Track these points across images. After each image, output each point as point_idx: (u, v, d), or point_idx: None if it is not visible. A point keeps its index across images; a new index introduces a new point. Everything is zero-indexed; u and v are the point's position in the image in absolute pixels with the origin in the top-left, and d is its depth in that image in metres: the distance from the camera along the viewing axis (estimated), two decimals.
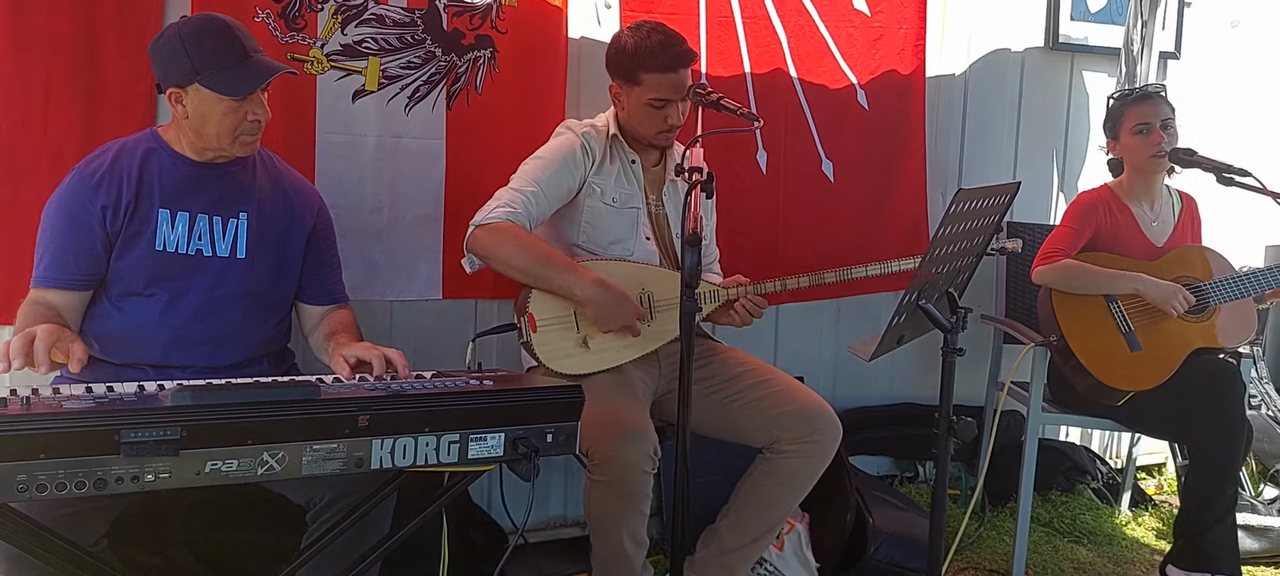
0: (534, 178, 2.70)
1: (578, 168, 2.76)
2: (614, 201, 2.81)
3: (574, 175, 2.76)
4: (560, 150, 2.77)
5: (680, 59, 2.73)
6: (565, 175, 2.74)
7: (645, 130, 2.80)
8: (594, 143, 2.80)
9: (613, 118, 2.88)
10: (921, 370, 4.02)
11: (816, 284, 2.85)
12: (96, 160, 2.26)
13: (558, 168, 2.73)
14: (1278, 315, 4.70)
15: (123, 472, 1.53)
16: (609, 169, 2.82)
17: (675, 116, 2.77)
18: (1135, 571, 3.45)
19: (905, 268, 2.81)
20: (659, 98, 2.74)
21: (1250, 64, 4.40)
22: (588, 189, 2.79)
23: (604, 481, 2.53)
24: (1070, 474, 4.10)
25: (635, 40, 2.74)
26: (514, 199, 2.66)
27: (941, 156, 3.94)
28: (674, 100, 2.75)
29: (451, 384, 1.91)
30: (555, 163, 2.74)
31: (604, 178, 2.81)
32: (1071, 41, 4.07)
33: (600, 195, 2.80)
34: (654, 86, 2.73)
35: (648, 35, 2.74)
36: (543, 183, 2.70)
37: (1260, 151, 3.63)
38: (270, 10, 2.85)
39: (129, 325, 2.25)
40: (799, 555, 3.16)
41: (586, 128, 2.83)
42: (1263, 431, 4.14)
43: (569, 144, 2.78)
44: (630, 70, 2.75)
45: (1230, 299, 3.23)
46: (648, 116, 2.77)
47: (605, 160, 2.82)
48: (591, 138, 2.81)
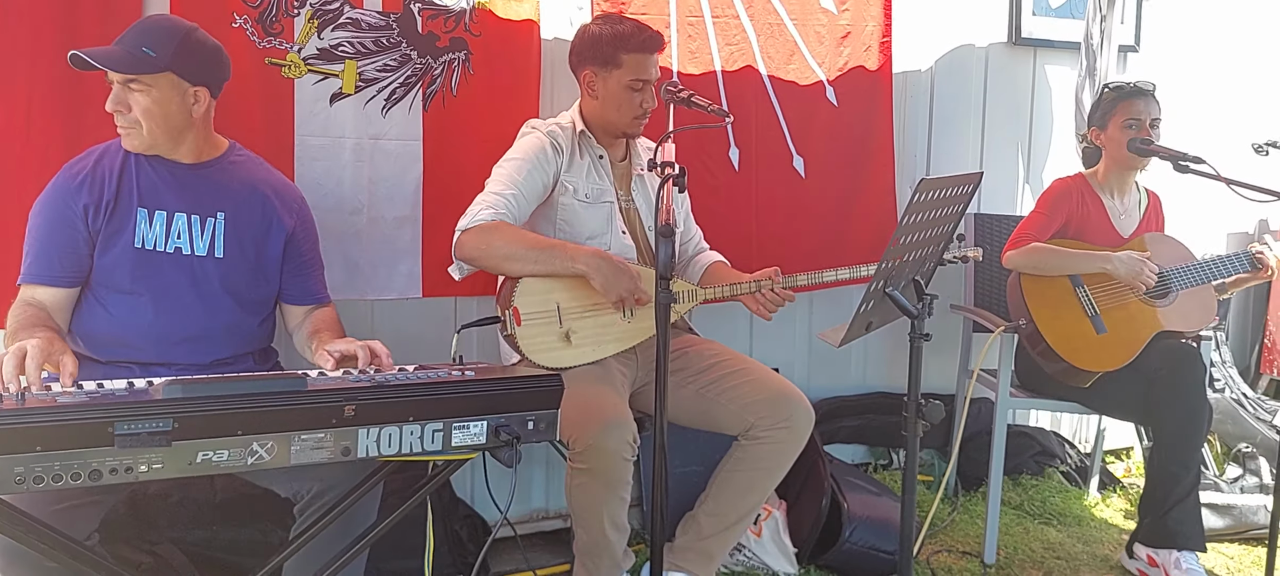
0: (510, 180, 2.74)
1: (550, 165, 2.81)
2: (588, 197, 2.86)
3: (547, 172, 2.80)
4: (531, 150, 2.81)
5: (654, 41, 2.83)
6: (539, 174, 2.78)
7: (621, 116, 2.85)
8: (562, 140, 2.85)
9: (578, 114, 2.92)
10: (893, 360, 4.11)
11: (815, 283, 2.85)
12: (81, 162, 2.34)
13: (531, 167, 2.77)
14: (1239, 301, 4.83)
15: (117, 464, 1.57)
16: (579, 165, 2.87)
17: (650, 100, 2.84)
18: (1103, 550, 3.55)
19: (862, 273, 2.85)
20: (640, 78, 2.80)
21: (1209, 56, 4.50)
22: (561, 187, 2.83)
23: (584, 469, 2.59)
24: (1040, 458, 4.20)
25: (609, 26, 2.83)
26: (495, 201, 2.69)
27: (909, 151, 4.02)
28: (650, 84, 2.83)
29: (434, 375, 1.97)
30: (528, 162, 2.78)
31: (575, 174, 2.85)
32: (1034, 37, 4.17)
33: (573, 192, 2.84)
34: (634, 67, 2.79)
35: (618, 21, 2.84)
36: (520, 183, 2.74)
37: (1218, 142, 3.72)
38: (247, 16, 2.89)
39: (114, 323, 2.30)
40: (777, 541, 3.23)
41: (552, 126, 2.88)
42: (1226, 413, 4.25)
43: (538, 143, 2.82)
44: (610, 54, 2.80)
45: (1191, 284, 3.33)
46: (625, 100, 2.82)
47: (575, 156, 2.87)
48: (558, 135, 2.85)
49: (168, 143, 2.34)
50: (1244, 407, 4.29)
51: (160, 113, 2.28)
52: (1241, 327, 4.92)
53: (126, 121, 2.28)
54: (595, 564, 2.73)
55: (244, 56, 2.85)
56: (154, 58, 2.24)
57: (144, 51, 2.23)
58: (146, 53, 2.23)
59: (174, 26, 2.31)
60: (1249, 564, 3.47)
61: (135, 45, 2.24)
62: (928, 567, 3.31)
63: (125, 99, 2.26)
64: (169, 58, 2.25)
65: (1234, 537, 3.65)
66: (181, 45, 2.27)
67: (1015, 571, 3.34)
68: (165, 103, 2.28)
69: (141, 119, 2.27)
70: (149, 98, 2.26)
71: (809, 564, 3.26)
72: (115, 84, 2.26)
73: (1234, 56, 4.57)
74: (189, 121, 2.34)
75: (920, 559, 3.34)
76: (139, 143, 2.31)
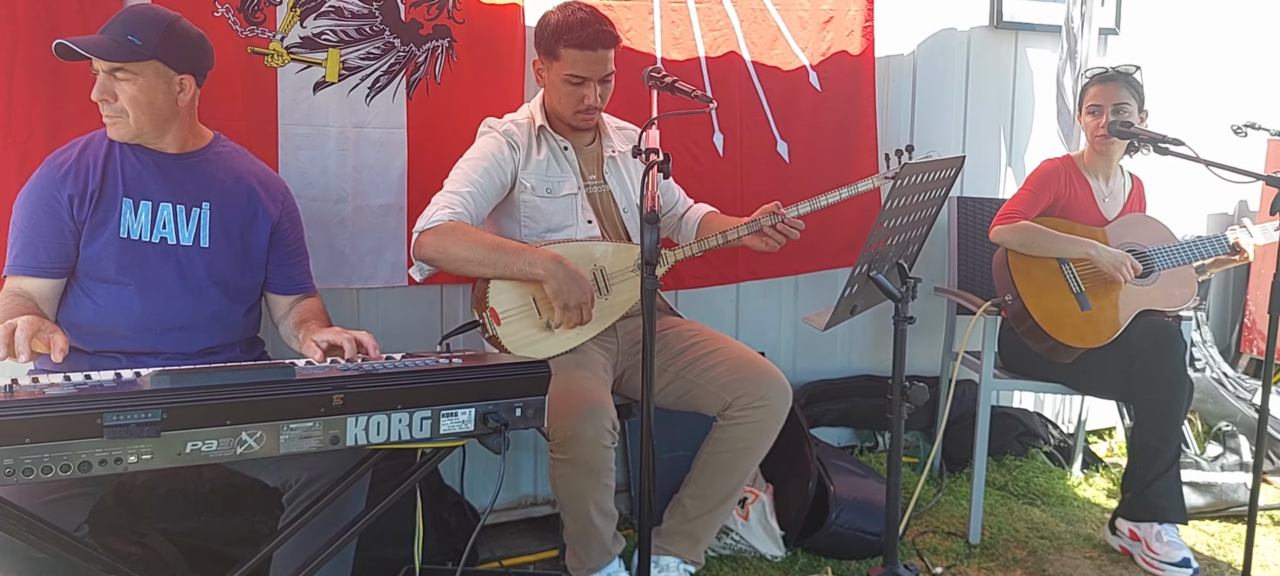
0: (467, 178, 2.74)
1: (506, 163, 2.80)
2: (548, 192, 2.86)
3: (505, 170, 2.80)
4: (486, 149, 2.81)
5: (598, 38, 2.76)
6: (496, 172, 2.78)
7: (563, 109, 2.84)
8: (517, 137, 2.84)
9: (539, 106, 2.92)
10: (878, 343, 4.13)
11: (753, 230, 2.90)
12: (65, 153, 2.34)
13: (488, 165, 2.77)
14: (1220, 282, 4.87)
15: (106, 455, 1.57)
16: (537, 160, 2.86)
17: (592, 98, 2.80)
18: (1087, 529, 3.59)
19: (862, 189, 2.97)
20: (575, 74, 2.77)
21: (1188, 38, 4.53)
22: (520, 184, 2.83)
23: (566, 459, 2.60)
24: (1024, 438, 4.23)
25: (561, 16, 2.79)
26: (452, 200, 2.69)
27: (892, 135, 4.03)
28: (590, 80, 2.79)
29: (422, 363, 1.97)
30: (484, 160, 2.78)
31: (533, 171, 2.84)
32: (1016, 20, 4.18)
33: (532, 189, 2.84)
34: (570, 62, 2.76)
35: (573, 12, 2.78)
36: (476, 181, 2.74)
37: (1198, 124, 3.75)
38: (229, 5, 2.88)
39: (100, 312, 2.30)
40: (763, 524, 3.25)
41: (507, 125, 2.87)
42: (1207, 392, 4.30)
43: (494, 143, 2.82)
44: (551, 45, 2.79)
45: (1173, 265, 3.38)
46: (565, 94, 2.81)
47: (532, 152, 2.86)
48: (514, 133, 2.85)
49: (154, 132, 2.33)
50: (1224, 387, 4.33)
51: (146, 101, 2.27)
52: (1222, 308, 4.96)
53: (113, 111, 2.28)
54: (585, 550, 2.75)
55: (226, 46, 2.84)
56: (140, 46, 2.23)
57: (130, 40, 2.23)
58: (133, 41, 2.23)
59: (159, 15, 2.31)
60: (1229, 541, 3.51)
61: (121, 34, 2.24)
62: (913, 548, 3.34)
63: (111, 88, 2.26)
64: (154, 46, 2.25)
65: (1215, 515, 3.70)
66: (167, 34, 2.27)
67: (1000, 551, 3.37)
68: (151, 91, 2.28)
69: (128, 108, 2.27)
70: (135, 86, 2.26)
71: (796, 546, 3.28)
72: (101, 73, 2.25)
73: (1213, 39, 4.60)
74: (174, 110, 2.34)
75: (906, 540, 3.37)
76: (125, 132, 2.31)
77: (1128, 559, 3.33)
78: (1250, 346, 4.70)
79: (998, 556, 3.34)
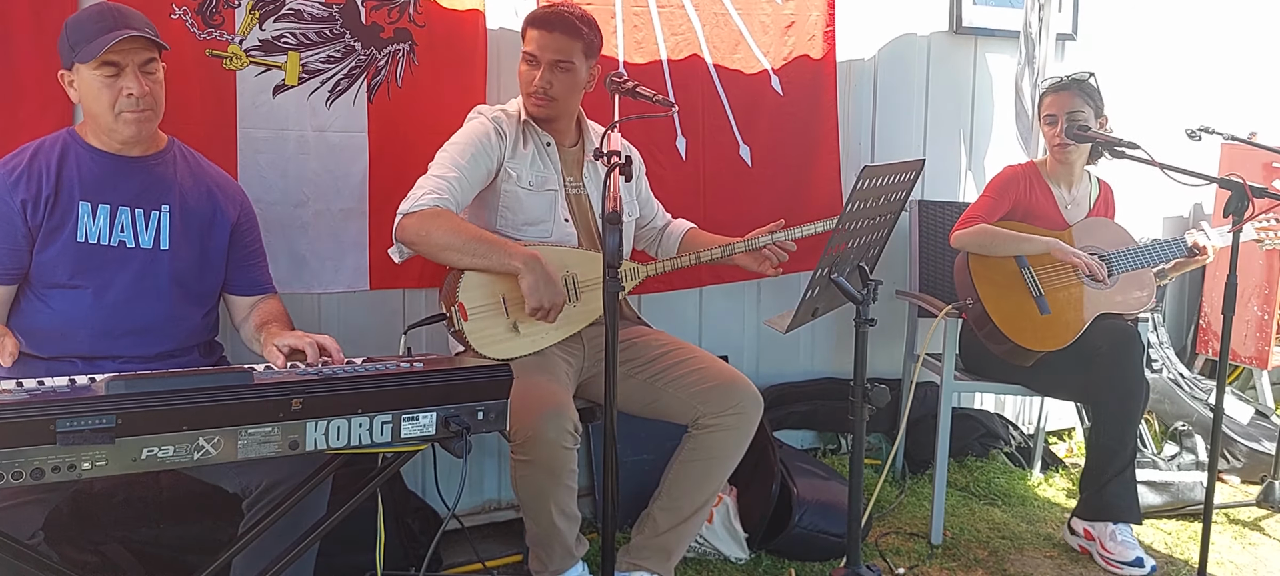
0: (453, 163, 2.74)
1: (493, 150, 2.81)
2: (530, 184, 2.86)
3: (491, 157, 2.80)
4: (474, 134, 2.81)
5: (553, 20, 2.82)
6: (483, 158, 2.79)
7: (523, 92, 2.89)
8: (506, 126, 2.85)
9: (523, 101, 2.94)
10: (840, 345, 4.16)
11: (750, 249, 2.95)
12: (14, 159, 2.29)
13: (475, 151, 2.77)
14: (1176, 284, 4.95)
15: (59, 461, 1.55)
16: (523, 152, 2.87)
17: (542, 81, 2.82)
18: (1047, 529, 3.62)
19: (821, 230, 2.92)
20: (529, 52, 2.83)
21: (1144, 44, 4.60)
22: (504, 173, 2.83)
23: (527, 460, 2.59)
24: (985, 440, 4.27)
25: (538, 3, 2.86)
26: (438, 185, 2.69)
27: (854, 139, 4.07)
28: (541, 61, 2.82)
29: (383, 367, 1.96)
30: (471, 147, 2.78)
31: (519, 161, 2.85)
32: (975, 26, 4.23)
33: (516, 179, 2.84)
34: (528, 40, 2.83)
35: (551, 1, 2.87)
36: (463, 167, 2.74)
37: (1154, 128, 3.81)
38: (187, 7, 2.85)
39: (56, 318, 2.26)
40: (728, 526, 3.26)
41: (497, 113, 2.88)
42: (1163, 393, 4.36)
43: (482, 128, 2.82)
44: (523, 26, 2.87)
45: (1132, 268, 3.43)
46: (524, 75, 2.86)
47: (519, 144, 2.87)
48: (503, 122, 2.85)
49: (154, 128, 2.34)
50: (1181, 387, 4.40)
51: (162, 93, 2.30)
52: (1178, 309, 5.04)
53: (146, 105, 2.26)
54: (547, 553, 2.74)
55: (184, 48, 2.81)
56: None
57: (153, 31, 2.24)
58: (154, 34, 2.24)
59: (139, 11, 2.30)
60: (1186, 539, 3.57)
61: (142, 26, 2.23)
62: (876, 549, 3.36)
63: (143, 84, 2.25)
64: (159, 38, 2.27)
65: (1171, 514, 3.75)
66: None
67: (961, 551, 3.40)
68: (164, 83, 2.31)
69: (156, 100, 2.28)
70: (157, 78, 2.28)
71: (760, 548, 3.29)
72: (131, 69, 2.22)
73: (1169, 44, 4.67)
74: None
75: (868, 541, 3.39)
76: (150, 128, 2.32)
77: (1087, 558, 3.37)
78: (1206, 347, 4.78)
79: (959, 556, 3.37)
